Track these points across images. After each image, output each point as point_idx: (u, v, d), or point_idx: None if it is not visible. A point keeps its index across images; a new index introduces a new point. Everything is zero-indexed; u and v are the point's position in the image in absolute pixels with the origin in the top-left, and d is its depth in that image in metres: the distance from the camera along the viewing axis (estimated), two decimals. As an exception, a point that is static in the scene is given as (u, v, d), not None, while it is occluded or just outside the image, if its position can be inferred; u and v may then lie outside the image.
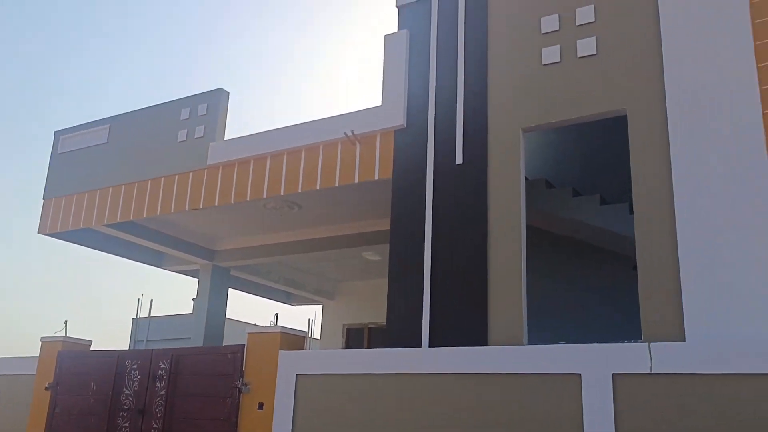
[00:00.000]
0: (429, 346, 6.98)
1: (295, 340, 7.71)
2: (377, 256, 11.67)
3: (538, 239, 8.49)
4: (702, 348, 5.51)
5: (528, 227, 7.11)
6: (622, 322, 8.50)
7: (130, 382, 8.48)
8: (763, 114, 5.99)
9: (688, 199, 6.08)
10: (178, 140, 9.94)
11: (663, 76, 6.52)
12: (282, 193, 8.85)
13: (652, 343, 5.63)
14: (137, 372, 8.49)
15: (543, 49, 7.29)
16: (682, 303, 5.84)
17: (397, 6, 8.50)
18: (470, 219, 7.21)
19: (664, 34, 6.60)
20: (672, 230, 6.09)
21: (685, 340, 5.74)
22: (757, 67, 6.10)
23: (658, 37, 6.66)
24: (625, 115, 6.68)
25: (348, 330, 14.47)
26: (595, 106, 6.87)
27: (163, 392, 8.14)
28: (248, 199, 9.10)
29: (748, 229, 5.78)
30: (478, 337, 6.74)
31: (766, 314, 5.52)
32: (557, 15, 7.32)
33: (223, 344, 10.82)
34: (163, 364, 8.27)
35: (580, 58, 7.06)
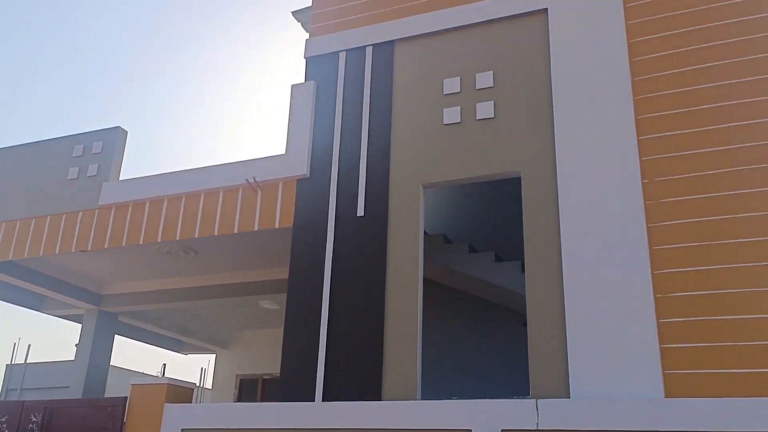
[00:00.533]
0: (323, 400, 6.85)
1: (183, 392, 7.36)
2: (275, 304, 11.45)
3: (436, 293, 8.64)
4: (585, 405, 5.71)
5: (426, 281, 7.22)
6: (514, 378, 8.71)
7: (-4, 438, 7.79)
8: (642, 183, 6.43)
9: (574, 260, 6.38)
10: (69, 178, 9.46)
11: (554, 141, 6.90)
12: (178, 238, 8.56)
13: (539, 400, 5.79)
14: (5, 427, 7.80)
15: (444, 109, 7.56)
16: (567, 360, 6.06)
17: (305, 57, 8.60)
18: (369, 271, 7.23)
19: (556, 102, 7.01)
20: (560, 289, 6.35)
21: (569, 397, 5.93)
22: (638, 140, 6.58)
23: (551, 104, 7.07)
24: (519, 177, 6.99)
25: (241, 381, 13.99)
26: (491, 166, 7.15)
27: (32, 448, 7.51)
28: (141, 243, 8.74)
29: (628, 291, 6.11)
30: (373, 391, 6.69)
31: (644, 373, 5.81)
32: (459, 78, 7.63)
33: (105, 395, 10.17)
34: (35, 417, 7.66)
35: (478, 120, 7.37)
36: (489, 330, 9.88)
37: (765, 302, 5.73)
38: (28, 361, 20.43)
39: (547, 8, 7.45)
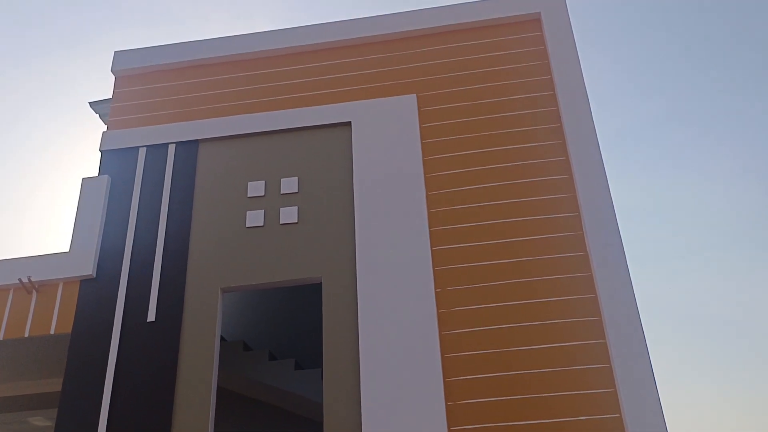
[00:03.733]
0: None
1: None
2: (47, 421, 10.08)
3: (233, 404, 8.15)
4: None
5: (222, 391, 6.79)
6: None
7: None
8: (436, 291, 6.72)
9: (371, 364, 6.37)
10: None
11: (355, 247, 7.04)
12: (-74, 345, 7.31)
13: None
14: None
15: (248, 212, 7.44)
16: (363, 473, 5.91)
17: (100, 150, 8.11)
18: (157, 380, 6.64)
19: (357, 209, 7.22)
20: (357, 397, 6.28)
21: None
22: (432, 250, 6.93)
23: (353, 211, 7.26)
24: (321, 282, 6.97)
25: None
26: (293, 271, 7.08)
27: None
28: None
29: (422, 399, 6.19)
30: None
31: (437, 482, 5.81)
32: (264, 181, 7.61)
33: None
34: None
35: (282, 224, 7.33)
36: (288, 442, 9.46)
37: (542, 407, 6.09)
38: None
39: (350, 121, 7.80)
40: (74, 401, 6.71)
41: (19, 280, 7.29)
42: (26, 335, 7.21)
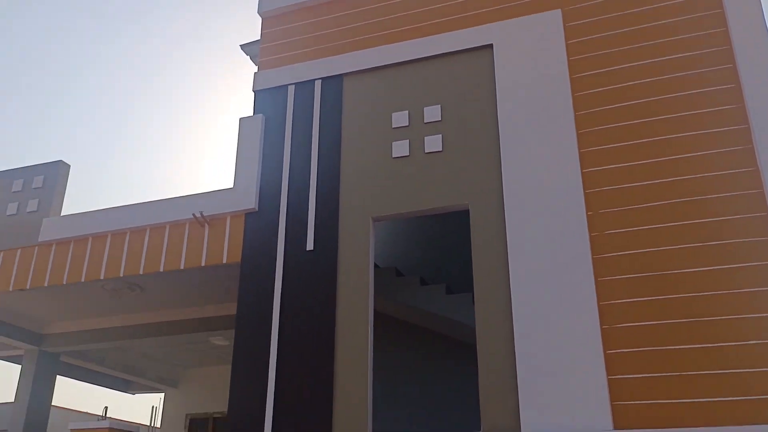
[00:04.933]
0: (271, 440, 6.66)
1: (125, 435, 7.08)
2: (225, 341, 11.18)
3: (387, 327, 8.56)
4: (536, 438, 5.68)
5: (377, 315, 7.15)
6: (467, 412, 8.65)
7: None
8: (587, 215, 6.53)
9: (523, 293, 6.40)
10: (8, 213, 9.14)
11: (501, 173, 6.97)
12: (122, 275, 8.32)
13: (490, 434, 5.73)
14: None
15: (393, 143, 7.58)
16: (518, 394, 6.03)
17: (253, 90, 8.55)
18: (319, 306, 7.13)
19: (502, 134, 7.10)
20: (509, 322, 6.36)
21: (520, 430, 5.89)
22: (582, 172, 6.70)
23: (497, 136, 7.16)
24: (468, 209, 7.02)
25: (191, 420, 13.54)
26: (440, 199, 7.17)
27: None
28: (83, 280, 8.46)
29: (576, 323, 6.15)
30: (323, 428, 6.54)
31: (593, 405, 5.82)
32: (407, 111, 7.68)
33: (44, 440, 9.70)
34: (-34, 467, 7.24)
35: (427, 153, 7.40)
36: (441, 364, 9.82)
37: (708, 332, 5.83)
38: (-35, 405, 19.54)
39: (492, 44, 7.59)
40: (248, 323, 7.38)
41: (193, 215, 8.01)
42: (202, 264, 7.97)
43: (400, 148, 7.52)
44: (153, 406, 14.29)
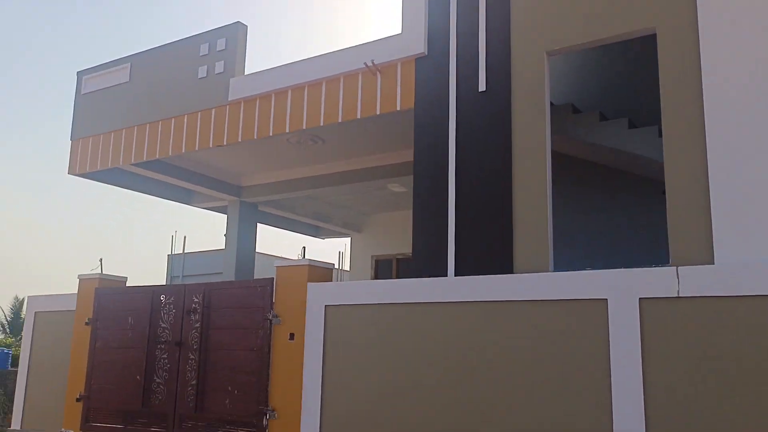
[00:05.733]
0: (455, 275, 7.03)
1: (322, 272, 7.82)
2: (403, 187, 11.65)
3: (565, 165, 8.38)
4: (730, 271, 5.45)
5: (554, 153, 7.00)
6: (649, 247, 8.44)
7: (166, 316, 8.74)
8: (801, 27, 5.71)
9: (719, 121, 5.89)
10: (199, 77, 9.87)
11: (695, -10, 6.23)
12: (304, 127, 8.80)
13: (679, 267, 5.59)
14: (172, 306, 8.73)
15: (568, -33, 6.98)
16: (711, 226, 5.75)
17: (415, -72, 8.17)
18: (494, 147, 7.11)
19: (697, -56, 6.25)
20: (702, 153, 5.94)
21: (714, 263, 5.68)
22: (796, -23, 5.78)
23: (691, -52, 6.32)
24: (654, 35, 6.43)
25: (377, 262, 14.63)
26: (622, 25, 6.61)
27: (197, 325, 8.38)
28: (271, 134, 9.08)
29: (781, 149, 5.60)
30: (504, 265, 6.76)
31: (797, 235, 5.42)
32: (583, -71, 6.96)
33: (254, 278, 11.04)
34: (196, 298, 8.48)
35: (607, -26, 6.75)
36: (622, 200, 9.53)
37: None
38: (185, 251, 22.54)
39: None
40: (425, 167, 7.58)
41: (365, 64, 8.12)
42: (377, 113, 8.18)
43: (576, -29, 6.92)
44: (339, 252, 15.53)
